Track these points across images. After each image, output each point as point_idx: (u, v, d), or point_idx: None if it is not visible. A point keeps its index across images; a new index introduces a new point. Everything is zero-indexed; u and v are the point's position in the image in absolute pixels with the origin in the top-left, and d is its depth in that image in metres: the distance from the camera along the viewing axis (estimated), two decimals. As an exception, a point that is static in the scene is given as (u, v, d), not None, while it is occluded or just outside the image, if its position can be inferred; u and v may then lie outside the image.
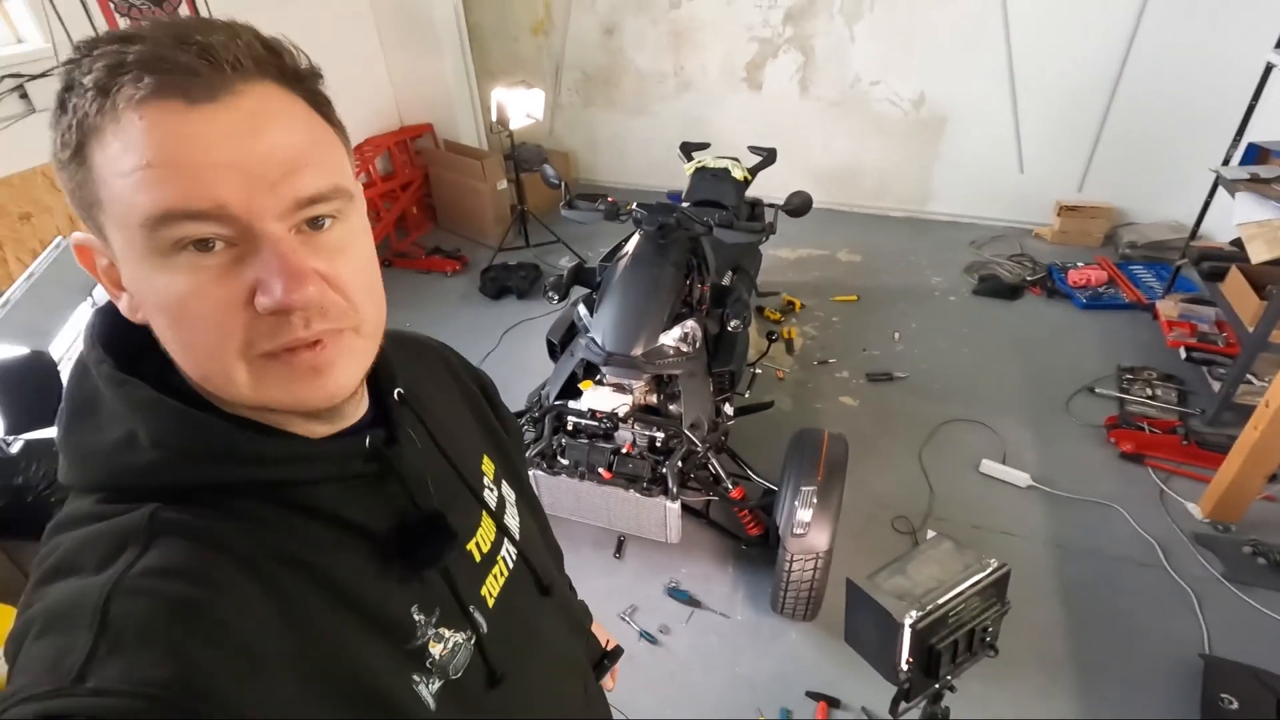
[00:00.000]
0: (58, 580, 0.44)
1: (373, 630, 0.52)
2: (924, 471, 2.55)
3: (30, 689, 0.39)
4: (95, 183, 0.43)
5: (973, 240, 4.04)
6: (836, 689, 1.89)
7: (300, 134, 0.46)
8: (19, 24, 2.58)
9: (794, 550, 1.82)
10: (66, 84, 0.42)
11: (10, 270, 2.57)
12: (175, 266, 0.43)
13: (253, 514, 0.49)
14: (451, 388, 0.75)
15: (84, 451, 0.49)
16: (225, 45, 0.42)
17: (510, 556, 0.70)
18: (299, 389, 0.48)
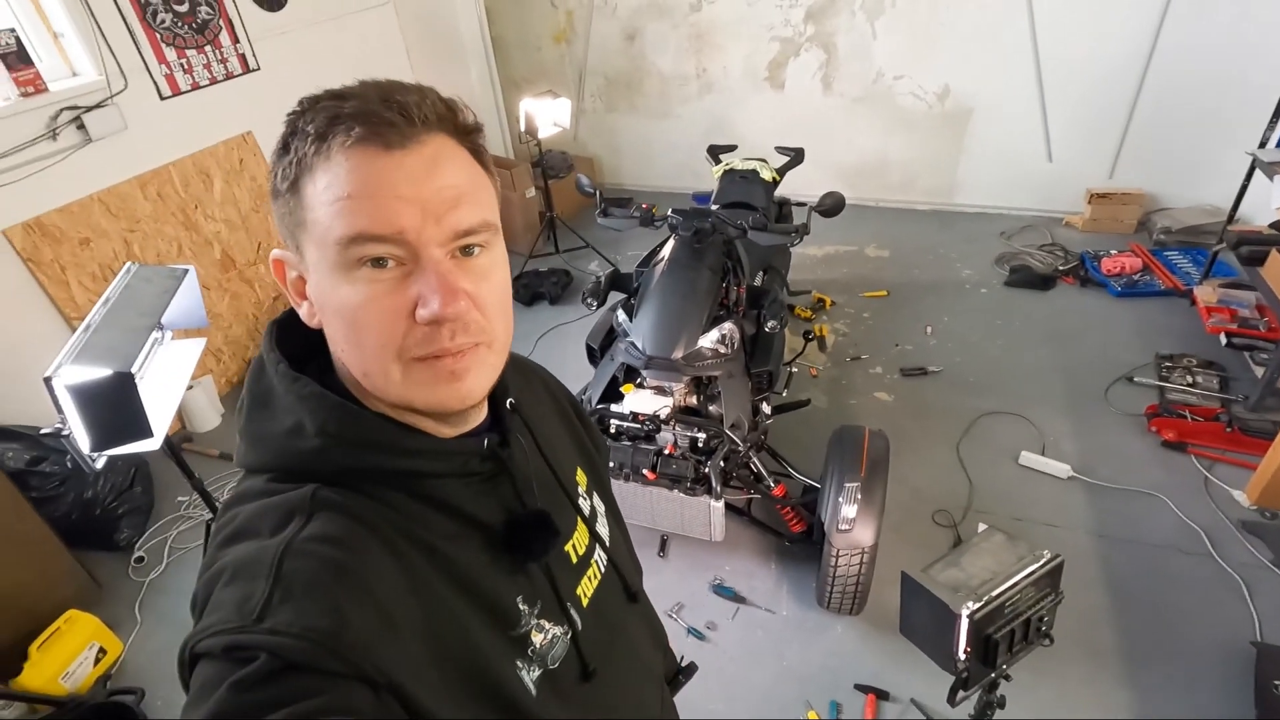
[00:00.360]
0: (239, 542, 0.53)
1: (484, 614, 0.59)
2: (962, 465, 2.56)
3: (220, 625, 0.47)
4: (303, 209, 0.52)
5: (1002, 231, 4.02)
6: (884, 681, 1.92)
7: (464, 177, 0.54)
8: (74, 58, 2.70)
9: (840, 545, 1.85)
10: (291, 130, 0.52)
11: (73, 293, 2.69)
12: (356, 279, 0.52)
13: (390, 500, 0.57)
14: (549, 404, 0.82)
15: (259, 437, 0.58)
16: (417, 104, 0.52)
17: (602, 562, 0.75)
18: (439, 390, 0.55)
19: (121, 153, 2.81)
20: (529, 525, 0.62)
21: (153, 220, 2.96)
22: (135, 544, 2.57)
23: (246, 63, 3.27)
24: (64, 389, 1.47)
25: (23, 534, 2.14)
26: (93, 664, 2.10)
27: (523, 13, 4.59)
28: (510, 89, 4.68)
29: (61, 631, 2.06)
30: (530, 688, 0.60)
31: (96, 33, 2.67)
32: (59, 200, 2.62)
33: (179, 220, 3.07)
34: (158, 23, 2.89)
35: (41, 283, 2.60)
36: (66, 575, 2.27)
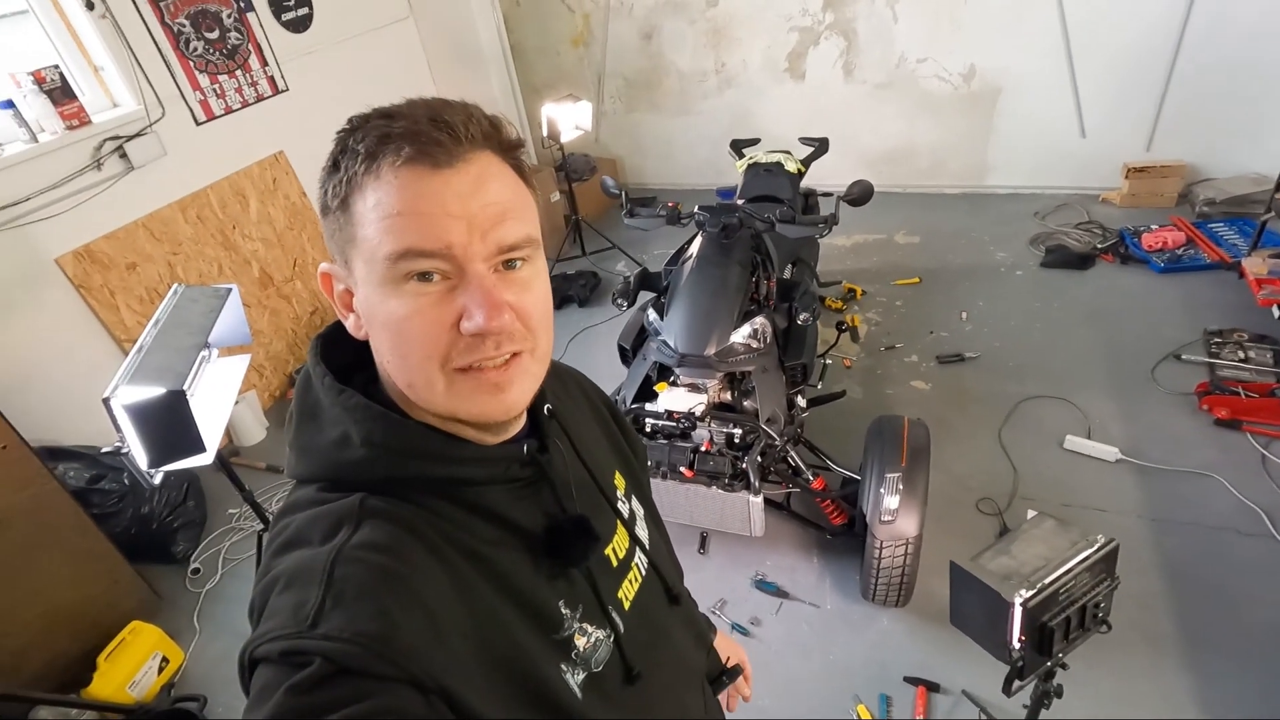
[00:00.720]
0: (292, 550, 0.54)
1: (528, 618, 0.59)
2: (1005, 451, 2.51)
3: (277, 630, 0.49)
4: (353, 225, 0.53)
5: (1036, 211, 3.93)
6: (934, 673, 1.89)
7: (508, 193, 0.55)
8: (114, 90, 2.80)
9: (883, 537, 1.83)
10: (341, 149, 0.53)
11: (122, 316, 2.79)
12: (404, 293, 0.53)
13: (435, 508, 0.58)
14: (586, 408, 0.82)
15: (308, 448, 0.60)
16: (464, 123, 0.53)
17: (642, 565, 0.76)
18: (483, 401, 0.57)
19: (162, 178, 2.90)
20: (569, 531, 0.63)
21: (194, 242, 3.05)
22: (191, 556, 2.66)
23: (275, 84, 3.36)
24: (121, 409, 1.53)
25: (86, 550, 2.23)
26: (157, 673, 2.17)
27: (540, 19, 4.62)
28: (531, 95, 4.72)
29: (126, 642, 2.14)
30: (575, 690, 0.61)
31: (134, 64, 2.77)
32: (106, 227, 2.72)
33: (218, 241, 3.16)
34: (190, 51, 2.98)
35: (93, 308, 2.70)
36: (129, 588, 2.35)
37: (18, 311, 2.48)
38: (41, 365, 2.53)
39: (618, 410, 0.89)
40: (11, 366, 2.42)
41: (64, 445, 2.49)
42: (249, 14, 3.21)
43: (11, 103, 2.43)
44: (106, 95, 2.79)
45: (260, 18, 3.26)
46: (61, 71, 2.54)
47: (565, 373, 0.84)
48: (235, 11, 3.15)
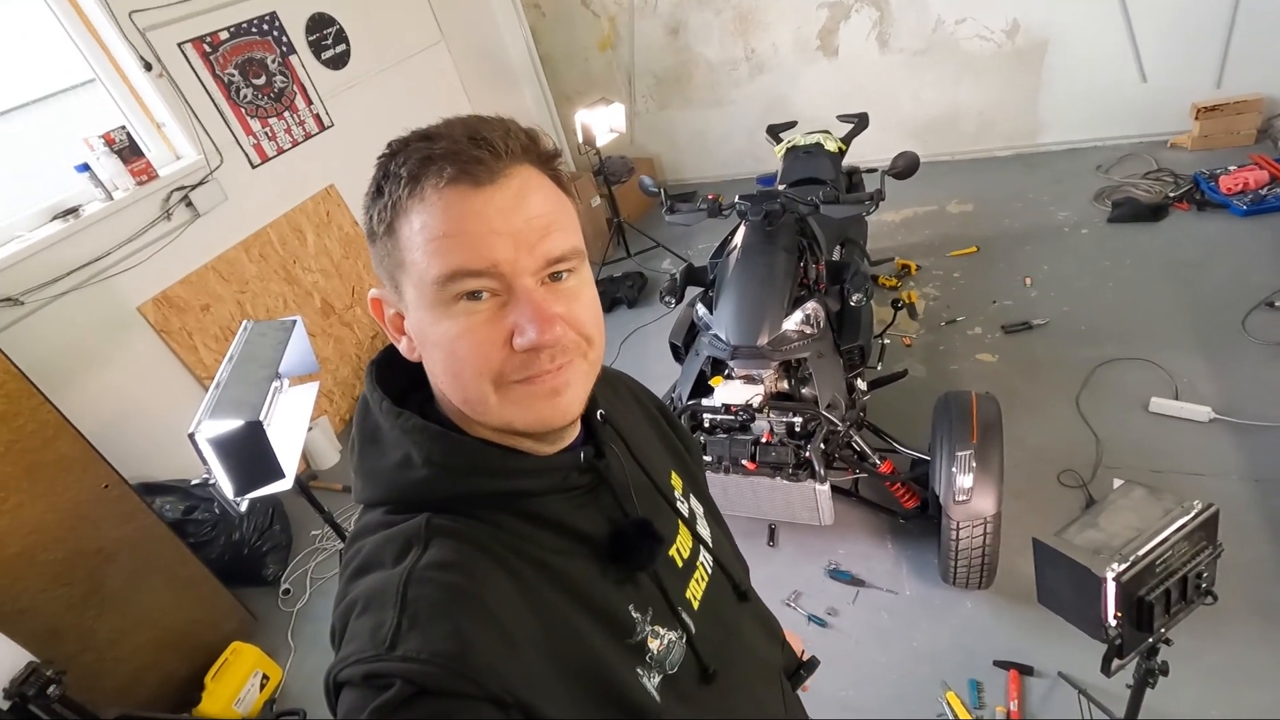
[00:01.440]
0: (367, 574, 0.56)
1: (600, 625, 0.59)
2: (1085, 420, 2.39)
3: (358, 654, 0.50)
4: (401, 250, 0.54)
5: (1098, 165, 3.73)
6: (1026, 655, 1.82)
7: (550, 205, 0.55)
8: (175, 143, 2.96)
9: (959, 518, 1.77)
10: (383, 174, 0.54)
11: (201, 356, 2.96)
12: (455, 314, 0.53)
13: (499, 522, 0.59)
14: (638, 411, 0.82)
15: (372, 472, 0.61)
16: (502, 138, 0.53)
17: (708, 563, 0.75)
18: (539, 408, 0.57)
19: (225, 222, 3.06)
20: (632, 535, 0.63)
21: (259, 280, 3.21)
22: (281, 577, 2.79)
23: (321, 121, 3.49)
24: (205, 442, 1.62)
25: (186, 577, 2.37)
26: (258, 690, 2.29)
27: (566, 27, 4.66)
28: (563, 103, 4.76)
29: (229, 662, 2.27)
30: (654, 694, 0.61)
31: (192, 117, 2.93)
32: (180, 273, 2.89)
33: (281, 276, 3.31)
34: (241, 98, 3.13)
35: (174, 349, 2.87)
36: (227, 611, 2.49)
37: (109, 359, 2.66)
38: (133, 407, 2.70)
39: (669, 410, 0.88)
40: (108, 410, 2.59)
41: (159, 480, 2.66)
42: (291, 57, 3.35)
43: (87, 166, 2.60)
44: (170, 149, 2.96)
45: (302, 59, 3.40)
46: (128, 131, 2.71)
47: (615, 378, 0.84)
48: (279, 56, 3.29)
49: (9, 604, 1.87)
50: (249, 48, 3.17)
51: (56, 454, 1.99)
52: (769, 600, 0.92)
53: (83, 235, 2.58)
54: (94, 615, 2.09)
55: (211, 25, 3.00)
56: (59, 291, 2.51)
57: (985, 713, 1.75)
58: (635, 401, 0.83)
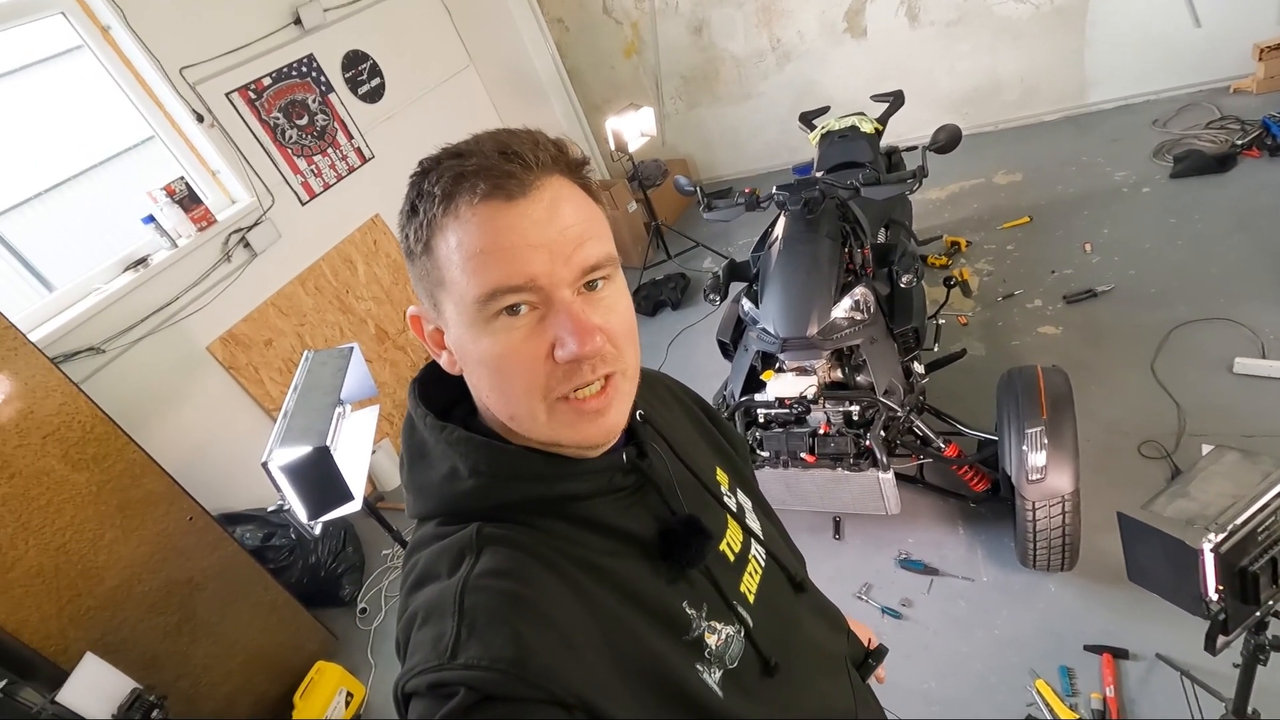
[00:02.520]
0: (424, 586, 0.57)
1: (657, 623, 0.60)
2: (1163, 386, 2.26)
3: (421, 665, 0.51)
4: (439, 268, 0.54)
5: (1155, 119, 3.54)
6: (1119, 638, 1.73)
7: (582, 214, 0.56)
8: (230, 188, 3.11)
9: (1033, 497, 1.70)
10: (416, 193, 0.55)
11: (267, 389, 3.08)
12: (495, 330, 0.54)
13: (548, 527, 0.59)
14: (678, 409, 0.82)
15: (421, 486, 0.62)
16: (532, 151, 0.54)
17: (760, 556, 0.75)
18: (584, 428, 0.58)
19: (281, 259, 3.19)
20: (680, 532, 0.63)
21: (315, 311, 3.33)
22: (357, 597, 2.88)
23: (363, 154, 3.61)
24: (277, 470, 1.68)
25: (269, 601, 2.46)
26: (344, 706, 2.37)
27: (591, 38, 4.70)
28: (593, 113, 4.80)
29: (315, 681, 2.35)
30: (715, 689, 0.60)
31: (243, 162, 3.06)
32: (242, 311, 3.02)
33: (336, 306, 3.43)
34: (287, 139, 3.26)
35: (242, 385, 3.00)
36: (309, 632, 2.58)
37: (185, 397, 2.80)
38: (208, 441, 2.83)
39: (710, 407, 0.88)
40: (186, 446, 2.73)
41: (237, 510, 2.78)
42: (330, 95, 3.47)
43: (152, 217, 2.75)
44: (225, 194, 3.11)
45: (340, 96, 3.52)
46: (187, 181, 2.85)
47: (653, 379, 0.83)
48: (319, 95, 3.42)
49: (111, 634, 1.98)
50: (290, 90, 3.30)
51: (144, 491, 2.10)
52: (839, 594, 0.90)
53: (152, 283, 2.72)
54: (188, 642, 2.20)
55: (255, 73, 3.14)
56: (135, 338, 2.65)
57: (1079, 700, 1.67)
58: (675, 400, 0.84)
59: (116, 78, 2.77)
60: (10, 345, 1.85)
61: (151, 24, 2.76)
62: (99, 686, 1.77)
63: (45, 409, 1.91)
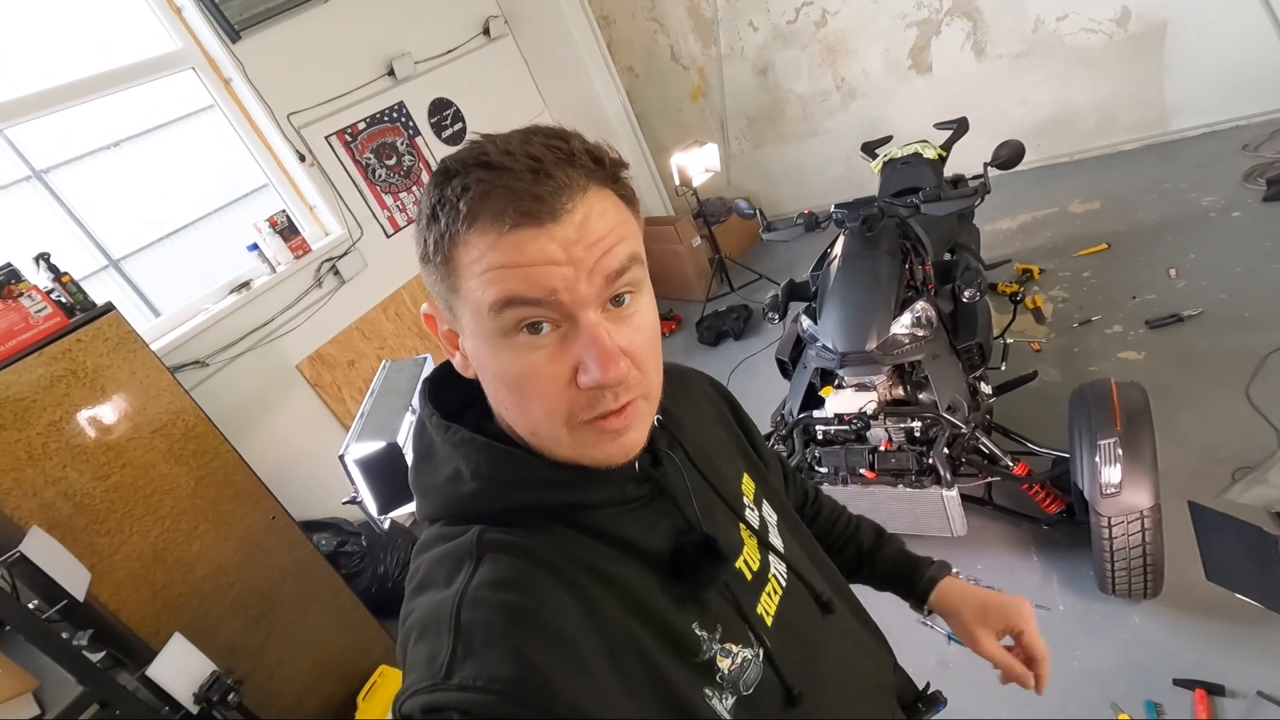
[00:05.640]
0: (422, 594, 0.55)
1: (664, 642, 0.56)
2: (1259, 412, 2.11)
3: (415, 684, 0.49)
4: (456, 276, 0.52)
5: (1244, 145, 3.38)
6: (1214, 672, 1.59)
7: (612, 223, 0.53)
8: (324, 221, 3.39)
9: (1109, 513, 1.61)
10: (438, 199, 0.51)
11: (348, 406, 3.27)
12: (516, 346, 0.52)
13: (555, 533, 0.57)
14: (708, 411, 0.79)
15: (426, 487, 0.61)
16: (566, 170, 0.50)
17: (781, 575, 0.70)
18: (604, 449, 0.56)
19: (366, 286, 3.42)
20: (693, 554, 0.60)
21: (395, 336, 3.53)
22: (421, 609, 2.95)
23: (443, 192, 3.86)
24: (353, 463, 1.80)
25: (340, 605, 2.57)
26: (404, 712, 2.41)
27: (659, 84, 4.91)
28: (659, 154, 4.97)
29: (378, 684, 2.42)
30: (726, 717, 0.57)
31: (337, 197, 3.34)
32: (329, 333, 3.25)
33: (414, 332, 3.63)
34: (376, 178, 3.54)
35: (326, 402, 3.20)
36: (375, 638, 2.66)
37: (275, 411, 3.01)
38: (293, 453, 3.02)
39: (741, 411, 0.84)
40: (274, 456, 2.92)
41: (315, 519, 2.93)
42: (416, 138, 3.76)
43: (256, 245, 3.03)
44: (319, 226, 3.39)
45: (426, 140, 3.81)
46: (288, 214, 3.13)
47: (689, 378, 0.80)
48: (406, 139, 3.71)
49: (198, 621, 2.12)
50: (382, 134, 3.59)
51: (235, 488, 2.26)
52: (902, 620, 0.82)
53: (253, 305, 2.98)
54: (264, 636, 2.31)
55: (351, 118, 3.45)
56: (235, 354, 2.89)
57: (1169, 738, 1.54)
58: (706, 401, 0.80)
59: (233, 122, 3.11)
60: (130, 348, 2.07)
61: (266, 76, 3.09)
62: (184, 666, 1.88)
63: (156, 407, 2.10)
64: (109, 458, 2.00)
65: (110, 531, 1.99)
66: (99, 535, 1.97)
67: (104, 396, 2.01)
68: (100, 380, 2.00)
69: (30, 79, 2.57)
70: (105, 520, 1.99)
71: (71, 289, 2.04)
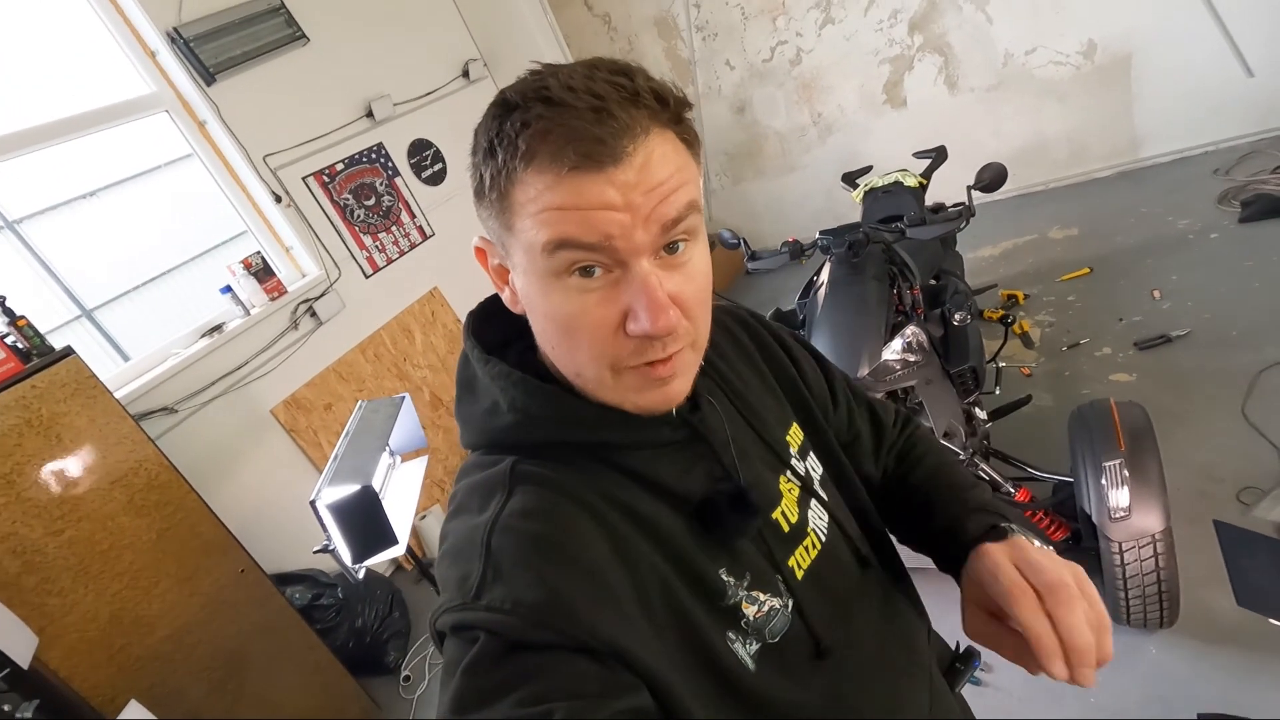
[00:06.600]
0: (458, 518, 0.58)
1: (689, 582, 0.57)
2: (1257, 429, 2.08)
3: (448, 603, 0.51)
4: (511, 214, 0.51)
5: (1216, 169, 3.44)
6: (1240, 705, 1.50)
7: (671, 168, 0.51)
8: (301, 262, 3.32)
9: (1119, 538, 1.54)
10: (497, 132, 0.50)
11: (325, 451, 3.15)
12: (567, 288, 0.51)
13: (588, 469, 0.58)
14: (756, 356, 0.76)
15: (467, 418, 0.63)
16: (630, 109, 0.48)
17: (821, 530, 0.69)
18: (649, 397, 0.57)
19: (344, 328, 3.34)
20: (723, 505, 0.59)
21: (374, 378, 3.44)
22: (401, 665, 2.80)
23: (424, 232, 3.82)
24: (325, 508, 1.69)
25: (314, 663, 2.42)
26: (382, 779, 2.25)
27: (638, 123, 4.96)
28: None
29: (354, 749, 2.26)
30: (747, 662, 0.57)
31: (314, 238, 3.29)
32: (305, 376, 3.15)
33: (393, 374, 3.54)
34: (355, 218, 3.50)
35: (302, 447, 3.08)
36: (351, 698, 2.50)
37: (247, 459, 2.89)
38: (266, 502, 2.89)
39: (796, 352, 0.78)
40: (246, 506, 2.79)
41: (288, 571, 2.79)
42: (396, 179, 3.73)
43: (230, 288, 2.95)
44: (295, 267, 3.32)
45: (405, 180, 3.78)
46: (263, 255, 3.07)
47: (740, 322, 0.77)
48: (385, 179, 3.68)
49: (159, 686, 1.97)
50: (360, 175, 3.56)
51: (201, 540, 2.13)
52: None
53: (225, 349, 2.88)
54: (231, 700, 2.16)
55: (329, 159, 3.42)
56: (206, 399, 2.79)
57: (1199, 778, 1.45)
58: (756, 345, 0.76)
59: (208, 165, 3.06)
60: (89, 394, 1.96)
61: (241, 118, 3.06)
62: (140, 737, 1.74)
63: (116, 456, 1.99)
64: (63, 511, 1.88)
65: (62, 591, 1.86)
66: (49, 596, 1.83)
67: (60, 445, 1.89)
68: (56, 428, 1.89)
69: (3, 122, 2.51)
70: (57, 579, 1.85)
71: (28, 333, 1.95)
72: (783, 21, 4.19)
